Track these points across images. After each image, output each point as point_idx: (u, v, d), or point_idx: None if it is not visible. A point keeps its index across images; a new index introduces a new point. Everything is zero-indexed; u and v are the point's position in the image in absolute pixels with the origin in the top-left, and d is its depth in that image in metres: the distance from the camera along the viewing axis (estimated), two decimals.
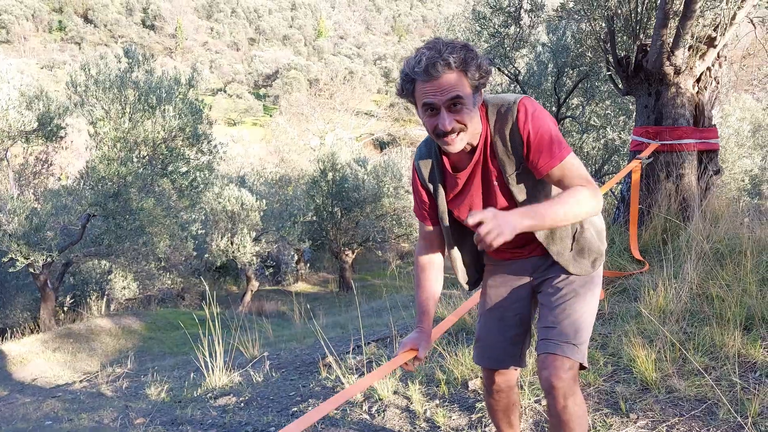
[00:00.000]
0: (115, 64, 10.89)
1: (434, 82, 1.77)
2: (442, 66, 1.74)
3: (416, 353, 2.12)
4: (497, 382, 2.26)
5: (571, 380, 1.89)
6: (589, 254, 2.03)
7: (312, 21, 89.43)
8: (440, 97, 1.78)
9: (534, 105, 1.88)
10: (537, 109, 1.86)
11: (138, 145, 10.91)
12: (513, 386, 2.30)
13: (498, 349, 2.20)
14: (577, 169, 1.84)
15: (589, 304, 2.02)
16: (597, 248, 2.05)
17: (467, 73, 1.78)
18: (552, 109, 11.09)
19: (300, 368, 4.82)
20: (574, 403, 1.91)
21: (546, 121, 1.85)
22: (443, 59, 1.74)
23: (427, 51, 1.77)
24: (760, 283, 3.53)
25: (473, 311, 4.54)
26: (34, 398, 6.13)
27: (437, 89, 1.77)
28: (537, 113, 1.86)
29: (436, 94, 1.78)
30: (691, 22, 4.58)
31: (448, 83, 1.76)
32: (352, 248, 19.71)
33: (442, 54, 1.74)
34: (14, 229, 9.63)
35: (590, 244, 2.02)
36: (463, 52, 1.76)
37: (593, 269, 2.04)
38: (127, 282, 13.33)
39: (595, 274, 2.08)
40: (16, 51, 66.23)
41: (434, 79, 1.76)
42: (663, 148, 4.89)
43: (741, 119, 14.33)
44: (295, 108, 45.07)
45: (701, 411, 2.71)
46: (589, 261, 2.03)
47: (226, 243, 15.47)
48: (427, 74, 1.76)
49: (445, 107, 1.79)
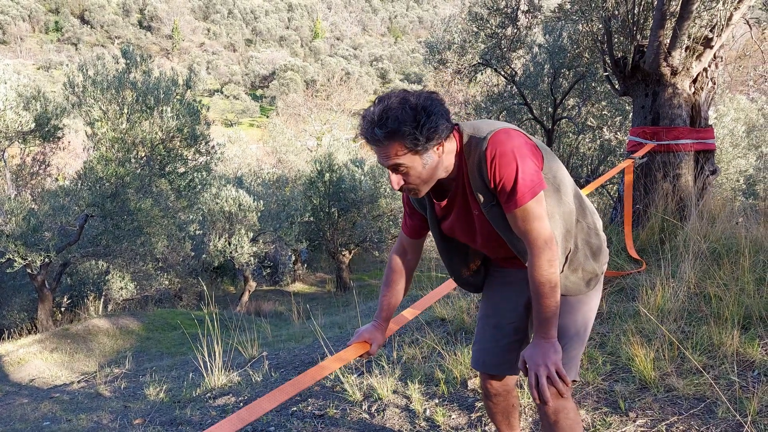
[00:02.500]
0: (113, 64, 10.89)
1: (375, 148, 1.79)
2: (373, 139, 1.76)
3: (369, 348, 2.14)
4: (494, 386, 2.27)
5: (559, 397, 1.91)
6: (584, 274, 2.00)
7: (308, 22, 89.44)
8: (383, 162, 1.81)
9: (504, 144, 1.78)
10: (506, 150, 1.77)
11: (136, 146, 10.90)
12: (511, 390, 2.31)
13: (493, 355, 2.22)
14: (532, 221, 1.80)
15: (583, 316, 2.02)
16: (591, 269, 2.01)
17: (403, 142, 1.74)
18: (548, 110, 11.12)
19: (299, 368, 4.82)
20: (565, 417, 1.94)
21: (512, 162, 1.77)
22: (372, 134, 1.75)
23: (366, 117, 1.78)
24: (757, 282, 3.55)
25: (472, 311, 4.56)
26: (31, 399, 6.12)
27: (379, 154, 1.80)
28: (505, 153, 1.77)
29: (381, 157, 1.81)
30: (688, 22, 4.60)
31: (387, 151, 1.77)
32: (349, 248, 19.71)
33: (373, 127, 1.75)
34: (12, 229, 9.61)
35: (584, 265, 1.99)
36: (394, 124, 1.72)
37: (588, 289, 2.02)
38: (125, 282, 13.30)
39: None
40: (13, 52, 66.08)
41: (375, 146, 1.78)
42: (660, 148, 4.91)
43: (736, 120, 14.38)
44: (292, 109, 45.08)
45: (700, 410, 2.72)
46: (584, 281, 2.01)
47: (224, 243, 15.47)
48: (368, 141, 1.79)
49: (390, 170, 1.84)
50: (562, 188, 1.92)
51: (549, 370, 1.80)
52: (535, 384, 1.82)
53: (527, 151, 1.81)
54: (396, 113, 1.72)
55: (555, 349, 1.83)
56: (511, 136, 1.81)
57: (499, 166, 1.78)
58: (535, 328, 1.87)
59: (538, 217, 1.80)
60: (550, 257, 1.81)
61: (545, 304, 1.82)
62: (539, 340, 1.85)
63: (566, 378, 1.82)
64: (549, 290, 1.82)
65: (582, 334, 2.02)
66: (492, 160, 1.78)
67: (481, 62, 10.31)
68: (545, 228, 1.81)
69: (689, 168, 4.94)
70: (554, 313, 1.83)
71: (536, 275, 1.82)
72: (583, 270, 1.99)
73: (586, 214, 2.02)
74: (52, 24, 76.53)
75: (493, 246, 2.04)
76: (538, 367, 1.82)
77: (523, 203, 1.78)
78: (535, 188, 1.78)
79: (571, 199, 1.96)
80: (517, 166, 1.77)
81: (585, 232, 2.00)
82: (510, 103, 11.47)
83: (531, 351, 1.86)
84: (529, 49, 11.08)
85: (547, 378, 1.81)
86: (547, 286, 1.82)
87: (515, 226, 1.83)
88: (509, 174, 1.77)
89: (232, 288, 20.68)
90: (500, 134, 1.80)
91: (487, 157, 1.79)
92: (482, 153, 1.80)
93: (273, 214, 16.99)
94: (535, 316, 1.86)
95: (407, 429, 3.21)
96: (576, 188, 2.03)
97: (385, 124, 1.72)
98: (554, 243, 1.82)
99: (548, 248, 1.81)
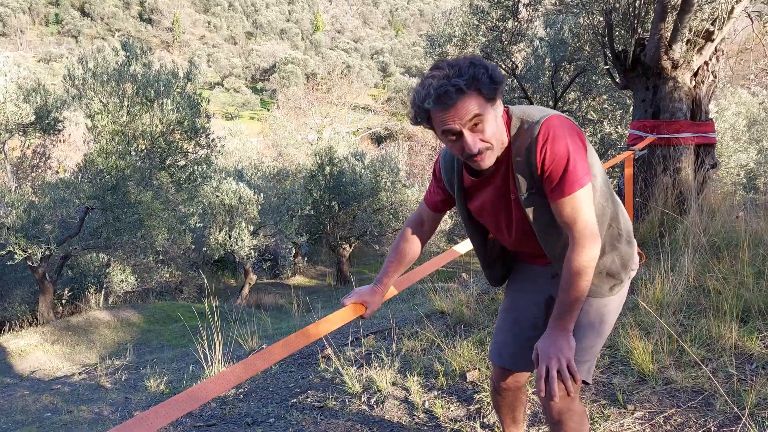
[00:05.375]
0: (113, 57, 10.85)
1: (450, 110, 1.69)
2: (453, 92, 1.66)
3: (363, 311, 2.09)
4: (506, 382, 2.24)
5: (567, 397, 1.88)
6: (608, 279, 1.95)
7: (309, 15, 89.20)
8: (460, 122, 1.71)
9: (557, 128, 1.74)
10: (558, 134, 1.73)
11: (136, 139, 10.88)
12: (522, 386, 2.29)
13: (511, 350, 2.18)
14: (580, 211, 1.75)
15: (598, 311, 1.96)
16: (617, 274, 1.95)
17: (481, 90, 1.68)
18: (549, 104, 11.11)
19: (299, 360, 4.84)
20: (570, 418, 1.92)
21: (565, 148, 1.72)
22: (453, 85, 1.65)
23: (434, 79, 1.69)
24: (756, 275, 3.56)
25: (471, 304, 4.57)
26: (33, 390, 6.14)
27: (455, 115, 1.70)
28: (558, 138, 1.73)
29: (455, 120, 1.70)
30: (689, 16, 4.59)
31: (464, 107, 1.68)
32: (350, 242, 19.71)
33: (451, 79, 1.66)
34: (12, 222, 9.62)
35: (609, 269, 1.94)
36: (471, 70, 1.67)
37: (611, 294, 1.96)
38: (126, 275, 13.32)
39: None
40: (13, 44, 65.94)
41: (449, 106, 1.69)
42: (660, 141, 4.91)
43: (737, 114, 14.36)
44: (293, 102, 44.95)
45: (698, 402, 2.73)
46: (608, 286, 1.95)
47: (224, 236, 15.47)
48: (441, 103, 1.68)
49: (467, 129, 1.72)
50: (595, 183, 1.85)
51: (560, 363, 1.77)
52: (545, 377, 1.78)
53: (577, 137, 1.77)
54: (464, 64, 1.68)
55: (569, 343, 1.80)
56: (564, 124, 1.77)
57: (550, 151, 1.73)
58: (553, 317, 1.83)
59: (587, 207, 1.75)
60: (593, 249, 1.77)
61: (572, 293, 1.78)
62: (554, 331, 1.82)
63: (576, 375, 1.78)
64: (580, 281, 1.77)
65: (597, 328, 1.95)
66: (543, 144, 1.73)
67: (482, 55, 10.29)
68: (591, 218, 1.77)
69: (689, 162, 4.94)
70: (577, 305, 1.79)
71: (574, 263, 1.77)
72: (608, 275, 1.94)
73: (619, 219, 1.97)
74: (53, 16, 76.37)
75: (519, 237, 1.97)
76: (549, 359, 1.78)
77: (573, 191, 1.73)
78: (585, 178, 1.74)
79: (604, 196, 1.89)
80: (569, 153, 1.72)
81: (615, 237, 1.94)
82: (511, 96, 11.45)
83: (545, 342, 1.82)
84: (530, 43, 11.07)
85: (557, 373, 1.77)
86: (581, 276, 1.77)
87: (561, 215, 1.77)
88: (560, 160, 1.72)
89: (232, 281, 20.69)
90: (554, 119, 1.76)
91: (539, 141, 1.74)
92: (534, 137, 1.75)
93: (273, 207, 16.98)
94: (557, 305, 1.82)
95: (406, 421, 3.22)
96: (611, 189, 1.96)
97: (464, 73, 1.66)
98: (598, 235, 1.78)
99: (594, 239, 1.77)
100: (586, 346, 1.93)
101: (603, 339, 1.99)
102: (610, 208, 1.92)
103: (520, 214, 1.89)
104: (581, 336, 1.92)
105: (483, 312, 4.44)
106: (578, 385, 1.84)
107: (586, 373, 1.93)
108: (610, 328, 2.01)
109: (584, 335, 1.93)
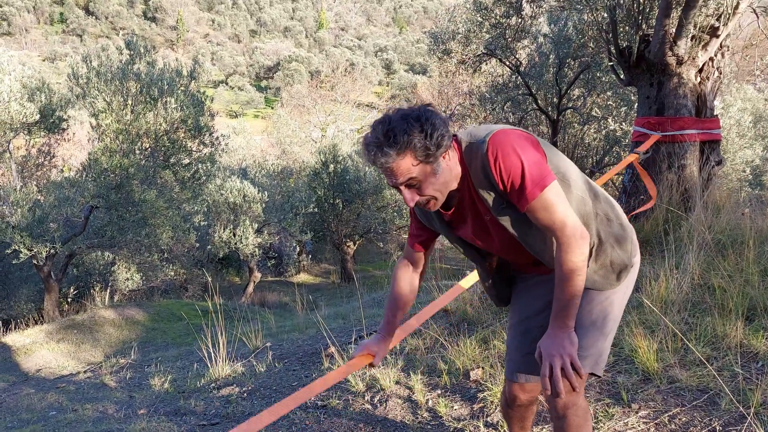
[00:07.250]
0: (117, 56, 10.88)
1: (384, 169, 1.75)
2: (384, 159, 1.71)
3: (372, 359, 2.14)
4: (521, 398, 2.19)
5: (573, 392, 1.86)
6: (613, 268, 1.94)
7: (313, 13, 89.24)
8: (396, 180, 1.77)
9: (503, 143, 1.76)
10: (506, 148, 1.75)
11: (140, 137, 10.91)
12: (534, 401, 2.24)
13: (522, 362, 2.13)
14: (554, 211, 1.77)
15: (601, 306, 1.95)
16: (620, 260, 1.95)
17: (415, 153, 1.72)
18: (553, 101, 11.07)
19: (302, 358, 4.84)
20: (575, 414, 1.91)
21: (516, 158, 1.74)
22: (383, 154, 1.71)
23: (369, 140, 1.74)
24: (762, 273, 3.53)
25: (475, 303, 4.55)
26: (38, 389, 6.16)
27: (389, 174, 1.76)
28: (507, 151, 1.75)
29: (391, 178, 1.77)
30: (693, 11, 4.56)
31: (397, 169, 1.73)
32: (354, 240, 19.73)
33: (382, 147, 1.70)
34: (17, 220, 9.65)
35: (612, 258, 1.93)
36: (405, 138, 1.69)
37: (619, 282, 1.96)
38: (130, 273, 13.36)
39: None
40: (18, 43, 66.14)
41: (382, 167, 1.74)
42: (665, 138, 4.88)
43: (742, 110, 14.27)
44: (297, 100, 44.97)
45: (703, 401, 2.72)
46: (614, 275, 1.95)
47: (229, 234, 15.49)
48: (375, 165, 1.75)
49: (403, 187, 1.79)
50: (567, 178, 1.87)
51: (564, 361, 1.78)
52: (549, 375, 1.79)
53: (527, 143, 1.78)
54: (402, 127, 1.70)
55: (571, 339, 1.81)
56: (508, 134, 1.79)
57: (503, 164, 1.75)
58: (552, 316, 1.84)
59: (558, 205, 1.76)
60: (581, 246, 1.78)
61: (567, 290, 1.79)
62: (555, 330, 1.82)
63: (580, 370, 1.78)
64: (574, 279, 1.78)
65: (600, 325, 1.94)
66: (495, 160, 1.76)
67: (486, 52, 10.27)
68: (569, 216, 1.77)
69: (694, 158, 4.91)
70: (574, 301, 1.80)
71: (565, 264, 1.78)
72: (612, 263, 1.94)
73: (601, 203, 1.96)
74: (57, 15, 76.60)
75: (511, 251, 2.00)
76: (552, 357, 1.79)
77: (536, 195, 1.74)
78: (545, 178, 1.75)
79: (581, 188, 1.90)
80: (522, 160, 1.74)
81: (605, 223, 1.95)
82: (515, 93, 11.42)
83: (546, 341, 1.83)
84: (534, 39, 11.03)
85: (561, 370, 1.78)
86: (573, 273, 1.78)
87: (537, 221, 1.79)
88: (515, 169, 1.74)
89: (237, 279, 20.73)
90: (498, 134, 1.78)
91: (489, 158, 1.76)
92: (484, 155, 1.78)
93: (277, 205, 17.00)
94: (555, 303, 1.83)
95: (410, 420, 3.22)
96: (586, 178, 1.98)
97: (395, 141, 1.69)
98: (583, 230, 1.79)
99: (578, 236, 1.77)
100: (584, 338, 1.93)
101: (609, 331, 1.98)
102: (591, 194, 1.94)
103: (499, 229, 1.92)
104: (583, 331, 1.92)
105: (487, 310, 4.43)
106: (583, 379, 1.85)
107: (593, 366, 1.93)
108: (617, 321, 2.00)
109: (586, 330, 1.93)
